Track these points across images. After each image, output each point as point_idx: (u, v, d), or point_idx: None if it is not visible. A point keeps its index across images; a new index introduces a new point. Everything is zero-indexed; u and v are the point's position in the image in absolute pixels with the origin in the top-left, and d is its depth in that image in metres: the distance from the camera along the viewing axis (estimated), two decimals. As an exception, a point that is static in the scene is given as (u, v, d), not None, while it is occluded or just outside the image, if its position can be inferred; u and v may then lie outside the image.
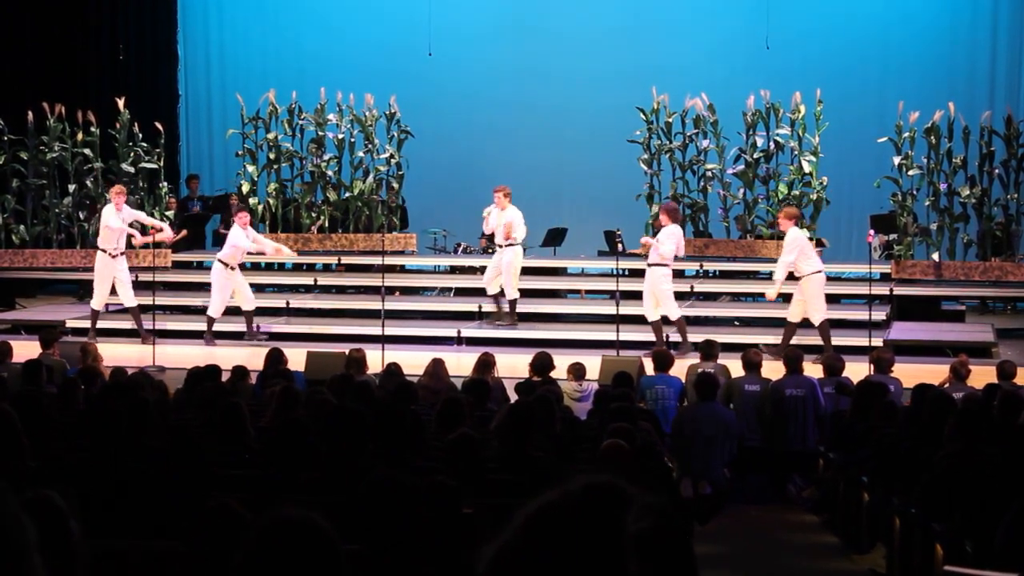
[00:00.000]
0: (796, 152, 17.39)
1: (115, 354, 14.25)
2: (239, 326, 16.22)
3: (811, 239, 17.15)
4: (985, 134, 16.90)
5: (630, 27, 22.68)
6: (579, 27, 22.73)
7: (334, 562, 2.88)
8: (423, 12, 22.14)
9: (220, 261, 16.05)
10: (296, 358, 12.48)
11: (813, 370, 12.16)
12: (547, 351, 11.56)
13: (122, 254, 16.07)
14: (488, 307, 16.68)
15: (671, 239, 15.18)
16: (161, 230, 16.50)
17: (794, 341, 14.39)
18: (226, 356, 13.46)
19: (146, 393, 8.47)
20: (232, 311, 16.27)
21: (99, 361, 11.70)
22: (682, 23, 22.63)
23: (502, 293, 16.31)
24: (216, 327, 16.17)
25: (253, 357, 13.34)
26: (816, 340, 14.64)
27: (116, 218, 15.92)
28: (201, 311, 17.72)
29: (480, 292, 16.97)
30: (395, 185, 19.05)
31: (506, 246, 16.13)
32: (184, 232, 18.53)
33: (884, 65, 22.05)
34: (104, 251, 15.97)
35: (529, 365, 11.28)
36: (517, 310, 16.43)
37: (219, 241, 20.54)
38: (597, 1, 22.98)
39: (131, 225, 16.44)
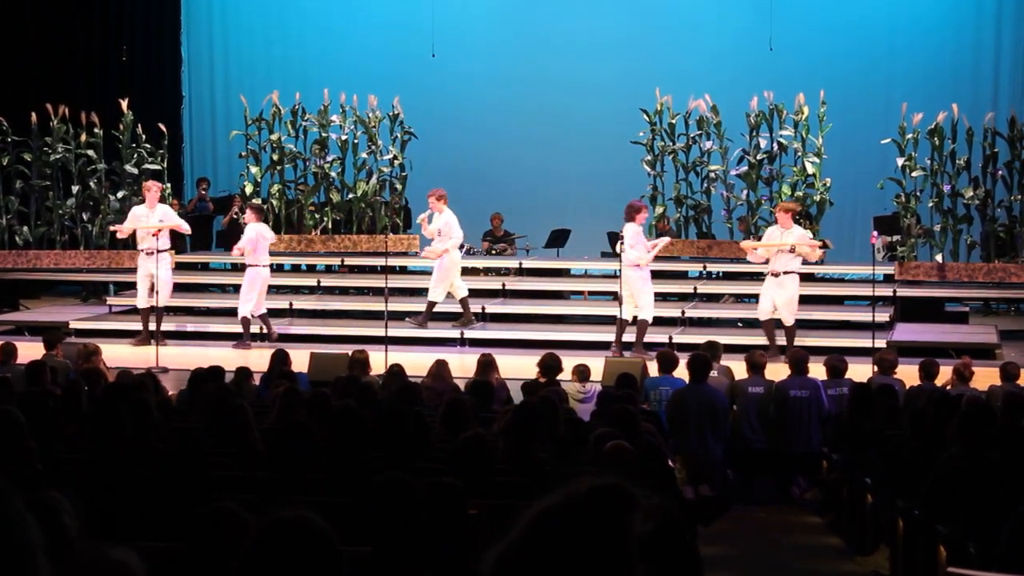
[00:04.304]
0: (800, 153, 17.37)
1: (117, 355, 14.23)
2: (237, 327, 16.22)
3: (815, 239, 17.19)
4: (989, 136, 16.88)
5: (634, 29, 22.67)
6: (582, 28, 22.73)
7: (333, 562, 2.88)
8: (426, 14, 22.14)
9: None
10: (300, 359, 12.48)
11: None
12: (555, 352, 11.30)
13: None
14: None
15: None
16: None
17: (797, 342, 14.40)
18: (230, 358, 13.45)
19: (149, 394, 8.46)
20: (223, 312, 16.24)
21: (101, 361, 11.67)
22: (686, 25, 22.63)
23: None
24: (220, 328, 16.23)
25: (257, 359, 13.36)
26: (817, 342, 14.65)
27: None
28: (204, 312, 17.74)
29: (483, 294, 16.99)
30: (398, 186, 19.03)
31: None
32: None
33: (888, 66, 22.04)
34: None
35: (537, 366, 11.12)
36: (471, 311, 16.37)
37: (223, 242, 20.56)
38: (600, 3, 22.97)
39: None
